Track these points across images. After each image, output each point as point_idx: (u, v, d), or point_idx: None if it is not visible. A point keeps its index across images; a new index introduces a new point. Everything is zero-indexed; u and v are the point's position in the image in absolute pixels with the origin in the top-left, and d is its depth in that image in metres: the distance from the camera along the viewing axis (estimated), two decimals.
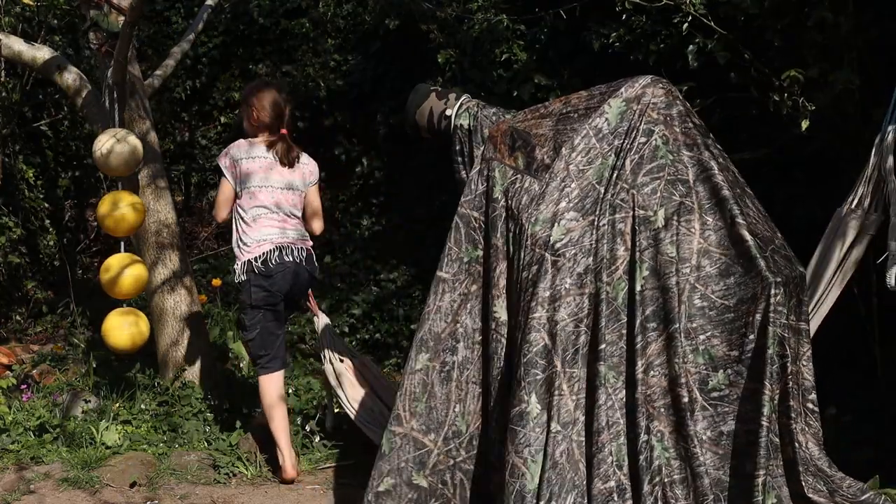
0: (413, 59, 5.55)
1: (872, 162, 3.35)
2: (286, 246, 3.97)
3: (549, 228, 3.06)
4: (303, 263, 4.02)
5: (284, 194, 4.01)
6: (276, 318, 4.04)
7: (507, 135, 3.33)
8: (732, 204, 3.04)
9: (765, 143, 4.29)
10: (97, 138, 4.50)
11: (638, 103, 3.18)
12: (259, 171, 3.97)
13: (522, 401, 2.96)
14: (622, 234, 3.06)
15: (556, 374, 2.96)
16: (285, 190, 4.02)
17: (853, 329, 4.11)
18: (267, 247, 3.93)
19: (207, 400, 4.67)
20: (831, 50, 3.87)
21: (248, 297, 3.96)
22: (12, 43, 4.85)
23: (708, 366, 3.00)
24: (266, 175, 3.98)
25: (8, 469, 4.06)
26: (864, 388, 4.11)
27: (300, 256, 4.00)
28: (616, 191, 3.08)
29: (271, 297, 3.97)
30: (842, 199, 3.50)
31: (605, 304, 3.00)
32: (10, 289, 6.56)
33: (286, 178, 4.02)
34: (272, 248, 3.94)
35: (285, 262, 3.95)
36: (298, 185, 4.08)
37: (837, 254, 3.40)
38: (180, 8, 7.01)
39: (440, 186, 5.58)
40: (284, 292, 4.00)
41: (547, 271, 3.01)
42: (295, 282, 4.02)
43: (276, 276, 3.94)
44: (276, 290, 3.96)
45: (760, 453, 2.86)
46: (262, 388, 4.03)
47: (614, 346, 3.01)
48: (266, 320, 4.01)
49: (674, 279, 2.99)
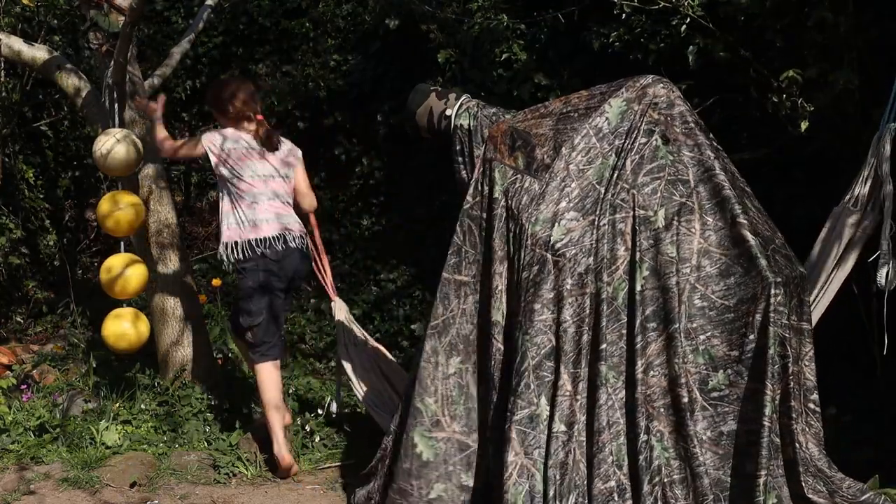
0: (413, 59, 5.55)
1: (869, 161, 3.35)
2: (289, 231, 4.02)
3: (549, 228, 3.06)
4: (304, 250, 4.09)
5: (278, 182, 4.07)
6: (278, 303, 4.07)
7: (507, 135, 3.33)
8: (734, 204, 3.04)
9: (765, 143, 4.29)
10: (97, 138, 4.50)
11: (639, 103, 3.18)
12: (252, 160, 4.01)
13: (532, 403, 2.96)
14: (622, 234, 3.05)
15: (560, 375, 2.96)
16: (277, 178, 4.07)
17: (852, 328, 4.11)
18: (271, 231, 3.97)
19: (207, 400, 4.67)
20: (831, 50, 3.87)
21: (255, 281, 3.98)
22: (12, 43, 4.85)
23: (708, 366, 3.00)
24: (259, 163, 4.03)
25: (8, 469, 4.06)
26: (864, 388, 4.11)
27: (302, 244, 4.07)
28: (616, 191, 3.08)
29: (279, 281, 4.01)
30: (841, 199, 3.49)
31: (606, 304, 3.00)
32: (10, 289, 6.55)
33: (275, 166, 4.07)
34: (277, 233, 3.98)
35: (290, 247, 4.00)
36: (287, 173, 4.13)
37: (834, 253, 3.40)
38: (180, 8, 7.01)
39: (440, 186, 5.57)
40: (290, 278, 4.05)
41: (549, 272, 3.01)
42: (298, 268, 4.07)
43: (283, 262, 3.98)
44: (284, 274, 4.00)
45: (762, 453, 2.87)
46: (262, 377, 4.04)
47: (614, 345, 3.01)
48: (270, 305, 4.03)
49: (674, 279, 2.99)
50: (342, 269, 6.10)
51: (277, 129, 4.14)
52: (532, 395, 2.97)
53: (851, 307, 3.97)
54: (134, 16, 4.26)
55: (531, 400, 2.96)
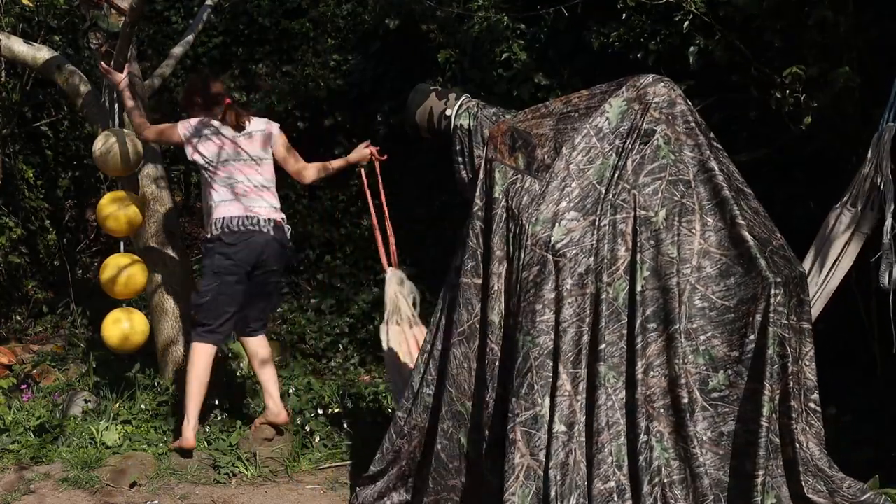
0: (413, 59, 5.55)
1: (869, 160, 3.35)
2: (252, 217, 4.02)
3: (549, 228, 3.05)
4: (269, 233, 4.05)
5: (249, 165, 4.08)
6: (232, 291, 4.06)
7: (507, 135, 3.33)
8: (733, 204, 3.03)
9: (765, 143, 4.29)
10: (97, 138, 4.50)
11: (639, 102, 3.18)
12: (222, 146, 4.05)
13: (536, 404, 2.96)
14: (623, 234, 3.05)
15: (559, 376, 2.96)
16: (249, 161, 4.08)
17: (852, 327, 4.11)
18: (232, 213, 4.00)
19: (207, 400, 4.66)
20: (831, 49, 3.87)
21: (212, 264, 4.04)
22: (12, 43, 4.85)
23: (708, 366, 3.00)
24: (228, 148, 4.06)
25: (8, 469, 4.06)
26: (864, 387, 4.11)
27: (267, 227, 4.04)
28: (617, 191, 3.07)
29: (235, 266, 4.01)
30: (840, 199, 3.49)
31: (606, 305, 3.00)
32: (10, 289, 6.56)
33: (245, 150, 4.08)
34: (238, 216, 4.00)
35: (252, 230, 4.00)
36: (260, 155, 4.12)
37: (832, 251, 3.40)
38: (180, 8, 7.01)
39: (440, 186, 5.57)
40: (251, 264, 4.04)
41: (550, 273, 3.01)
42: (263, 253, 4.05)
43: (239, 246, 3.99)
44: (240, 259, 4.00)
45: (760, 453, 2.87)
46: (193, 356, 4.09)
47: (614, 346, 3.00)
48: (220, 291, 4.04)
49: (674, 280, 2.99)
50: (342, 269, 6.10)
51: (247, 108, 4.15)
52: (536, 395, 2.96)
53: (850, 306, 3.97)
54: (134, 16, 4.26)
55: (535, 401, 2.96)
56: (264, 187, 4.11)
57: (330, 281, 6.10)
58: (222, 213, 4.01)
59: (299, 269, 6.27)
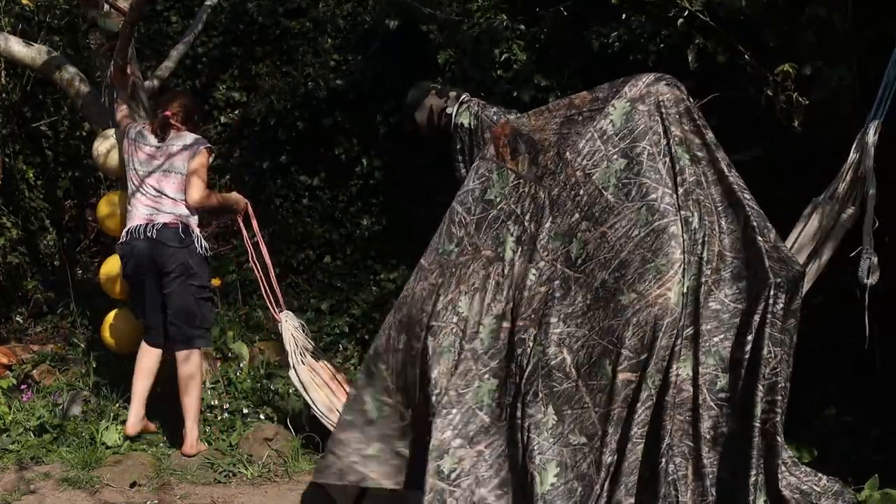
0: (413, 59, 5.54)
1: (852, 157, 3.36)
2: (152, 223, 4.18)
3: (568, 243, 3.08)
4: (153, 238, 4.15)
5: (158, 176, 4.22)
6: (140, 293, 4.28)
7: (509, 138, 3.33)
8: (745, 206, 3.05)
9: (764, 143, 4.28)
10: (97, 139, 4.51)
11: (643, 103, 3.18)
12: (139, 154, 4.25)
13: (539, 411, 2.98)
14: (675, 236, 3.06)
15: (576, 388, 2.98)
16: (159, 172, 4.22)
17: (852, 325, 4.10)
18: (136, 222, 4.19)
19: (207, 400, 4.67)
20: (826, 48, 3.87)
21: (127, 269, 4.28)
22: (12, 44, 4.85)
23: (718, 367, 3.00)
24: (144, 157, 4.25)
25: (8, 469, 4.06)
26: (864, 387, 4.10)
27: (151, 232, 4.16)
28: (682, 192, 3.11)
29: (145, 270, 4.20)
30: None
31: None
32: (10, 289, 6.55)
33: (159, 161, 4.23)
34: (140, 224, 4.18)
35: (148, 237, 4.16)
36: (174, 167, 4.24)
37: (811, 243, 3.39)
38: (180, 8, 7.00)
39: (440, 187, 5.56)
40: (157, 268, 4.18)
41: (570, 288, 3.04)
42: (155, 255, 4.16)
43: (144, 251, 4.16)
44: (147, 263, 4.17)
45: (753, 454, 2.88)
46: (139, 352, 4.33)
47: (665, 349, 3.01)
48: (134, 294, 4.34)
49: (701, 279, 3.01)
50: (342, 269, 6.10)
51: (174, 119, 4.32)
52: (540, 403, 3.00)
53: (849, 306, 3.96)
54: (134, 16, 4.27)
55: (539, 408, 2.99)
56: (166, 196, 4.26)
57: (330, 281, 6.09)
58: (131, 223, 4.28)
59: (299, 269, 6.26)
